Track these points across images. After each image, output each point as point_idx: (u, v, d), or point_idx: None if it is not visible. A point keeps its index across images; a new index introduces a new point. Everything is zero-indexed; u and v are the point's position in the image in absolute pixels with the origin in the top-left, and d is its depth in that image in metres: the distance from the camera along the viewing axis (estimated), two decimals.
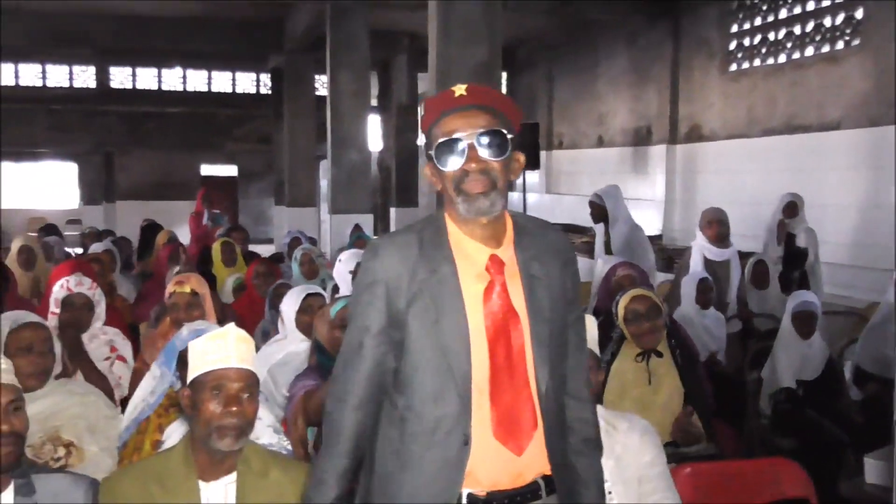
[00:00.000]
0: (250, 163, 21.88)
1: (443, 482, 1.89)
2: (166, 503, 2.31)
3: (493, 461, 1.90)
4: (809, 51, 10.17)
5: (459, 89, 1.95)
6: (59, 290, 4.12)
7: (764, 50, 10.95)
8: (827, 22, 9.91)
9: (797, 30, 10.38)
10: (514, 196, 13.60)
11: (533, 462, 1.93)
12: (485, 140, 1.91)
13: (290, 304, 4.26)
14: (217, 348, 2.35)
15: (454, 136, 1.90)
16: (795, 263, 7.30)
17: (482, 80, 6.72)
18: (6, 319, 3.24)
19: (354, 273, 5.31)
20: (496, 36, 6.92)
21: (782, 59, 10.63)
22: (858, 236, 9.13)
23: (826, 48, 9.91)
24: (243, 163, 22.19)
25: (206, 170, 22.18)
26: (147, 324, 5.27)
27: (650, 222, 12.73)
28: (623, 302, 3.74)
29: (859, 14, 9.39)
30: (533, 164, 12.99)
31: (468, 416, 1.89)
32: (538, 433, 1.93)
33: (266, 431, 3.18)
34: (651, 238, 12.11)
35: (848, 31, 9.59)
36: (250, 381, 2.38)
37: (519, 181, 16.04)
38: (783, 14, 10.62)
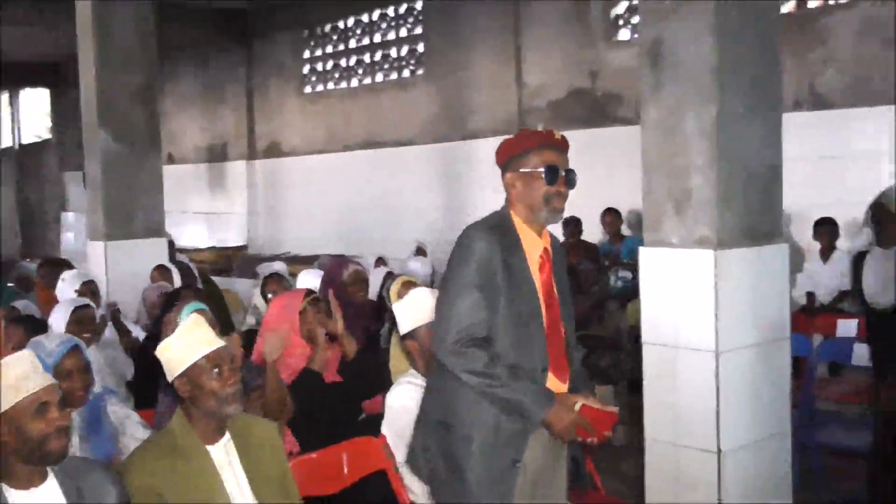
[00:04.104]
0: None
1: None
2: (185, 468, 2.66)
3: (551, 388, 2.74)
4: (380, 77, 11.75)
5: (557, 134, 2.77)
6: None
7: (337, 75, 12.33)
8: (393, 53, 11.56)
9: (367, 58, 11.91)
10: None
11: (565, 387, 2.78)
12: (570, 175, 2.76)
13: (60, 317, 4.32)
14: (194, 339, 2.76)
15: (553, 164, 2.70)
16: None
17: (142, 103, 6.98)
18: None
19: (80, 292, 5.35)
20: (152, 60, 7.16)
21: (355, 83, 12.09)
22: (437, 234, 10.81)
23: (394, 76, 11.57)
24: None
25: None
26: None
27: (234, 234, 13.42)
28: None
29: (421, 48, 11.18)
30: None
31: (545, 355, 2.69)
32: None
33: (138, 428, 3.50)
34: (237, 249, 12.86)
35: (412, 61, 11.34)
36: (230, 354, 2.83)
37: None
38: (353, 44, 12.08)
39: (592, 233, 8.76)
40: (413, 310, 3.46)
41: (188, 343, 2.74)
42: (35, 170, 18.89)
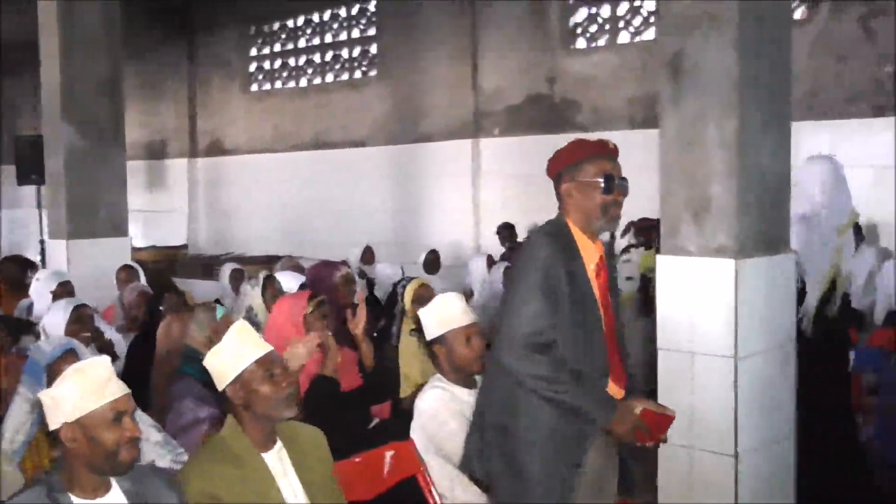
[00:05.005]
0: None
1: None
2: (242, 475, 2.61)
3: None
4: (330, 77, 11.65)
5: (611, 143, 2.78)
6: None
7: (286, 74, 12.16)
8: (345, 54, 11.48)
9: (317, 58, 11.79)
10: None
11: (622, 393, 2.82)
12: (624, 183, 2.80)
13: (59, 317, 4.18)
14: (243, 345, 2.71)
15: (610, 173, 2.73)
16: None
17: (107, 95, 6.79)
18: None
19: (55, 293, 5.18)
20: (117, 51, 6.96)
21: (304, 83, 11.96)
22: (388, 236, 10.82)
23: (346, 76, 11.49)
24: None
25: None
26: None
27: (173, 233, 13.12)
28: None
29: (374, 49, 11.14)
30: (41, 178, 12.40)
31: (606, 357, 2.73)
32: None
33: (155, 450, 3.40)
34: (177, 248, 12.58)
35: (365, 63, 11.28)
36: (280, 356, 2.79)
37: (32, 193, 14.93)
38: (302, 43, 11.95)
39: None
40: (441, 315, 3.45)
41: (237, 349, 2.69)
42: None
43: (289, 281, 5.66)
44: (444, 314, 3.44)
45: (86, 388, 2.27)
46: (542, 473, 2.70)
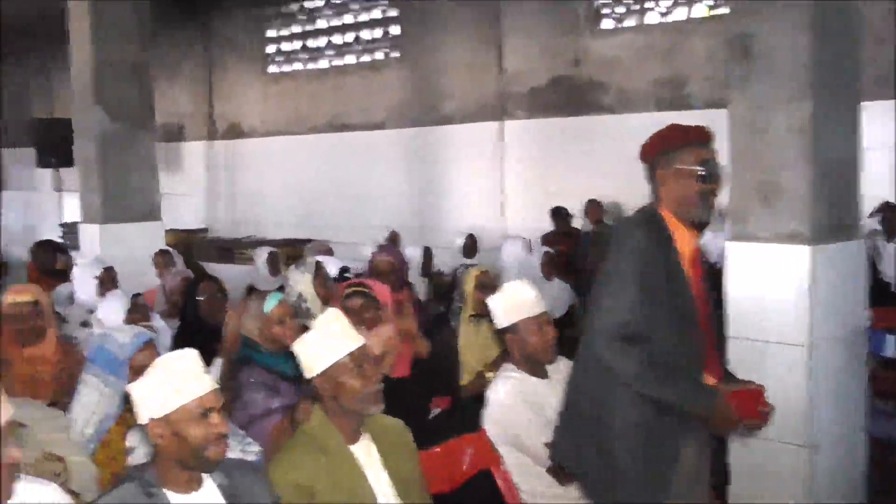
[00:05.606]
0: None
1: None
2: (332, 467, 2.57)
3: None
4: (350, 59, 11.52)
5: (710, 130, 2.69)
6: None
7: (304, 56, 12.03)
8: (366, 35, 11.34)
9: (336, 40, 11.66)
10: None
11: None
12: (721, 173, 2.74)
13: (115, 307, 4.13)
14: (335, 336, 2.65)
15: (709, 161, 2.66)
16: None
17: (137, 79, 6.70)
18: None
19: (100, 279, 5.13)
20: (146, 35, 6.87)
21: (324, 64, 11.84)
22: (409, 220, 10.72)
23: (366, 58, 11.36)
24: None
25: None
26: None
27: (193, 216, 13.04)
28: None
29: (395, 30, 11.01)
30: (68, 161, 12.33)
31: (701, 349, 2.67)
32: None
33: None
34: (195, 231, 12.51)
35: (386, 44, 11.15)
36: (369, 351, 2.73)
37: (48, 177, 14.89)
38: (322, 24, 11.81)
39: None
40: (512, 303, 3.40)
41: (329, 340, 2.64)
42: None
43: (329, 266, 5.60)
44: (516, 302, 3.39)
45: (172, 384, 2.21)
46: (638, 469, 2.64)
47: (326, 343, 2.62)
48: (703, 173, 2.68)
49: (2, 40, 15.79)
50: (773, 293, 3.63)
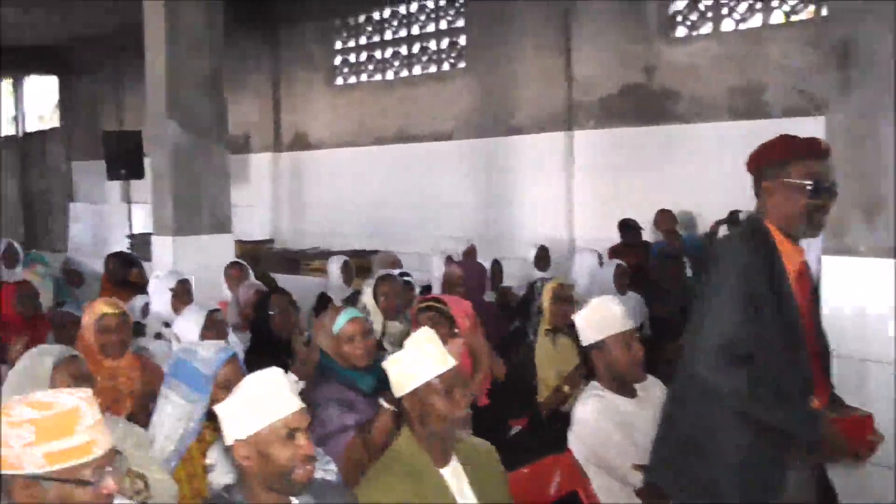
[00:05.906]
0: None
1: None
2: (420, 490, 2.49)
3: None
4: (417, 70, 11.50)
5: (824, 143, 2.57)
6: None
7: (371, 67, 12.05)
8: (432, 45, 11.31)
9: (403, 51, 11.65)
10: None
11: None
12: (833, 188, 2.60)
13: (192, 321, 4.09)
14: (427, 356, 2.56)
15: (819, 176, 2.54)
16: None
17: (210, 90, 6.73)
18: None
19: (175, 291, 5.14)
20: (219, 48, 6.91)
21: (390, 76, 11.84)
22: (478, 231, 10.63)
23: (433, 69, 11.32)
24: None
25: None
26: None
27: (258, 228, 13.14)
28: None
29: (462, 41, 10.95)
30: (137, 173, 12.55)
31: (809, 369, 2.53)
32: None
33: None
34: (262, 242, 12.59)
35: (453, 55, 11.10)
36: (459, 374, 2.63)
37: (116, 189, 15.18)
38: (389, 35, 11.82)
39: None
40: (599, 319, 3.28)
41: (420, 360, 2.55)
42: (39, 159, 18.41)
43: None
44: (603, 318, 3.27)
45: (257, 404, 2.15)
46: (740, 496, 2.50)
47: (417, 363, 2.54)
48: (813, 189, 2.54)
49: (74, 54, 16.20)
50: (872, 309, 3.44)
